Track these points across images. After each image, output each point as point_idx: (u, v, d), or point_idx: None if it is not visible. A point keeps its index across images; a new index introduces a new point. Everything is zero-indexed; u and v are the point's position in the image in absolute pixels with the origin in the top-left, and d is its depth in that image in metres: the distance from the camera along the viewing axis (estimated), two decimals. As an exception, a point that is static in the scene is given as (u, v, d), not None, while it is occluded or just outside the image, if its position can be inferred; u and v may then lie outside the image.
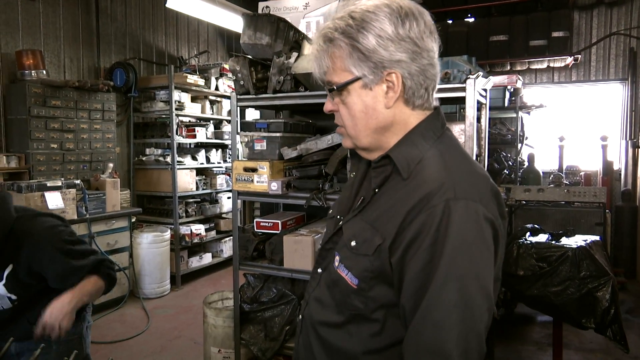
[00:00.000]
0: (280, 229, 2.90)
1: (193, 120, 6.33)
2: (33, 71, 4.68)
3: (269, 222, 2.92)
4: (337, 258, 1.09)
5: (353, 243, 1.04)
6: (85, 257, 1.84)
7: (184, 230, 5.84)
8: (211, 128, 6.47)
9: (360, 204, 1.09)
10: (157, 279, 5.39)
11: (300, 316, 1.20)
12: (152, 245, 5.33)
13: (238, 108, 3.00)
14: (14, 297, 1.81)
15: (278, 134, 2.88)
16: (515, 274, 2.97)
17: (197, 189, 6.07)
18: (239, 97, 2.95)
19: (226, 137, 6.54)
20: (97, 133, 5.17)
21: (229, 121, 6.81)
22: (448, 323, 0.89)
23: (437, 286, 0.90)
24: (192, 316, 4.82)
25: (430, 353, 0.90)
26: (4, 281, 1.79)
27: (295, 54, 2.82)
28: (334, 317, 1.07)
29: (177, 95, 5.71)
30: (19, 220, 1.78)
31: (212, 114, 6.48)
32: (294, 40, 2.89)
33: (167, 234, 5.52)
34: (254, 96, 2.89)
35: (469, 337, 0.90)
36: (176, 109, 5.66)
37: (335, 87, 1.05)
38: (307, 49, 2.79)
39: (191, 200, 6.10)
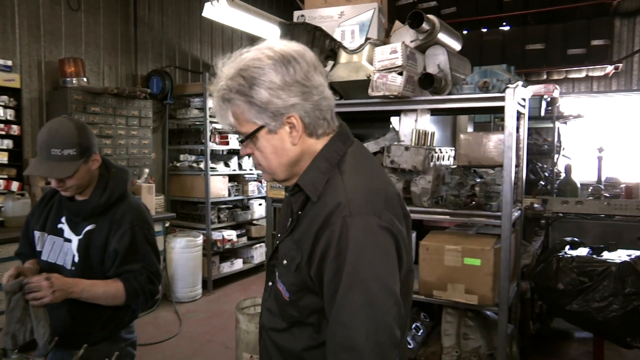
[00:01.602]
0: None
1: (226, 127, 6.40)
2: (74, 79, 4.83)
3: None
4: (277, 274, 1.22)
5: (284, 262, 1.19)
6: (139, 261, 1.85)
7: (216, 235, 5.91)
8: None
9: (290, 225, 1.21)
10: (189, 284, 5.46)
11: (259, 324, 1.35)
12: (185, 250, 5.41)
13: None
14: (77, 258, 1.84)
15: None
16: (555, 288, 2.89)
17: (229, 195, 6.14)
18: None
19: (258, 144, 6.59)
20: (134, 139, 5.30)
21: (261, 128, 6.87)
22: (356, 322, 1.02)
23: (343, 291, 1.04)
24: (223, 321, 4.86)
25: (344, 349, 1.02)
26: (81, 236, 1.85)
27: (331, 63, 2.83)
28: (280, 324, 1.23)
29: (211, 102, 5.79)
30: (128, 192, 1.95)
31: (245, 121, 6.56)
32: (330, 48, 2.90)
33: (200, 239, 5.59)
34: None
35: (379, 331, 1.02)
36: (210, 116, 5.75)
37: (244, 138, 1.16)
38: (343, 57, 2.79)
39: (223, 206, 6.17)
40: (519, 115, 2.71)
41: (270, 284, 1.30)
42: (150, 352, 4.17)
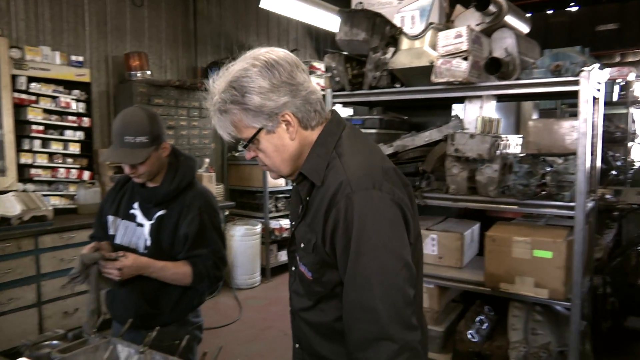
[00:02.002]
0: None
1: (283, 117, 6.46)
2: (139, 72, 5.02)
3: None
4: (297, 258, 1.34)
5: (302, 245, 1.29)
6: (206, 246, 1.93)
7: (273, 224, 6.00)
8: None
9: (301, 211, 1.31)
10: (248, 271, 5.58)
11: (290, 308, 1.45)
12: (244, 238, 5.53)
13: (333, 105, 3.00)
14: (149, 242, 1.93)
15: (373, 131, 2.85)
16: (634, 284, 2.72)
17: (287, 184, 6.20)
18: (334, 93, 2.95)
19: (314, 133, 6.61)
20: (195, 129, 5.45)
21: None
22: (368, 285, 1.12)
23: (354, 259, 1.14)
24: (281, 308, 4.93)
25: (360, 309, 1.14)
26: (153, 221, 1.94)
27: (392, 49, 2.77)
28: (307, 302, 1.33)
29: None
30: (196, 180, 2.02)
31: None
32: (390, 35, 2.84)
33: (258, 228, 5.69)
34: (349, 92, 2.88)
35: (391, 292, 1.12)
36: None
37: (247, 142, 1.26)
38: (405, 43, 2.73)
39: (280, 195, 6.25)
40: (594, 100, 2.55)
41: (293, 268, 1.41)
42: (212, 336, 4.30)
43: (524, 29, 2.85)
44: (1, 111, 4.09)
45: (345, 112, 5.78)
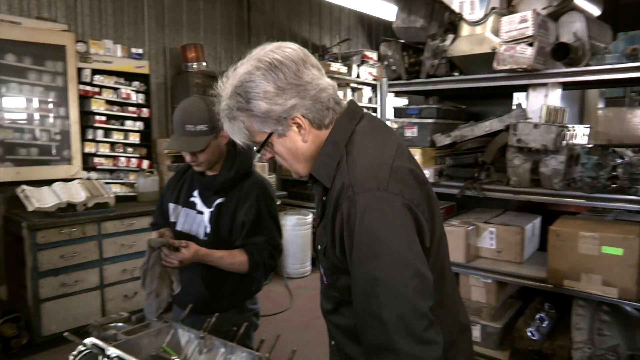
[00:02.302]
0: (429, 218, 2.80)
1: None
2: (195, 63, 5.12)
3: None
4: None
5: (319, 247, 1.25)
6: (263, 234, 1.95)
7: (324, 214, 6.00)
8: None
9: (319, 212, 1.26)
10: (299, 260, 5.63)
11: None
12: (295, 228, 5.57)
13: (388, 94, 2.95)
14: (208, 229, 1.98)
15: (430, 120, 2.78)
16: None
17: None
18: (389, 82, 2.90)
19: (366, 124, 6.55)
20: (248, 120, 5.51)
21: (369, 108, 6.81)
22: (374, 293, 1.05)
23: (357, 266, 1.08)
24: (331, 299, 4.95)
25: (368, 315, 1.08)
26: (212, 209, 1.98)
27: (451, 36, 2.68)
28: (329, 305, 1.31)
29: (320, 83, 5.84)
30: (253, 169, 2.06)
31: (352, 101, 6.53)
32: (449, 21, 2.76)
33: (309, 218, 5.72)
34: (405, 81, 2.82)
35: (399, 304, 1.03)
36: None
37: (259, 147, 1.22)
38: (465, 30, 2.63)
39: (331, 185, 6.23)
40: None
41: (321, 269, 1.36)
42: (264, 323, 4.31)
43: (595, 11, 2.69)
44: (68, 102, 4.29)
45: (399, 101, 5.71)
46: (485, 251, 2.72)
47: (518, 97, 3.05)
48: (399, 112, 2.96)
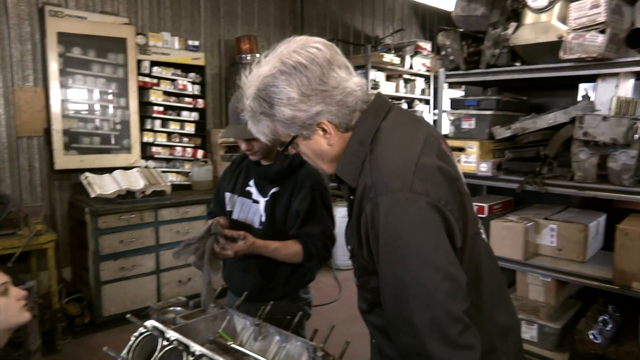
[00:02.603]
0: (486, 212, 2.73)
1: (386, 99, 6.37)
2: (248, 55, 5.18)
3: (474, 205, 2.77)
4: None
5: (348, 247, 1.23)
6: (317, 224, 1.95)
7: (373, 207, 5.96)
8: (404, 107, 6.44)
9: (349, 210, 1.22)
10: (348, 252, 5.61)
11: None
12: (344, 219, 5.50)
13: (445, 85, 2.88)
14: (264, 218, 2.00)
15: (489, 112, 2.68)
16: None
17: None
18: (447, 73, 2.82)
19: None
20: (300, 111, 5.53)
21: (421, 100, 6.69)
22: (403, 297, 1.01)
23: (384, 272, 1.05)
24: (380, 292, 4.92)
25: (399, 320, 1.04)
26: (267, 198, 2.01)
27: (513, 24, 2.57)
28: (364, 306, 1.29)
29: (372, 74, 5.79)
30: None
31: (405, 93, 6.44)
32: (512, 9, 2.64)
33: (358, 210, 5.69)
34: (463, 72, 2.73)
35: (431, 307, 0.99)
36: (372, 88, 5.74)
37: (284, 147, 1.19)
38: (529, 17, 2.51)
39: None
40: None
41: None
42: (313, 313, 4.39)
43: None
44: (128, 93, 4.45)
45: (453, 93, 5.57)
46: (545, 249, 2.61)
47: (585, 88, 2.90)
48: (455, 103, 2.87)
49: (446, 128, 3.08)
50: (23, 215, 3.58)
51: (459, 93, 4.04)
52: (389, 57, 5.85)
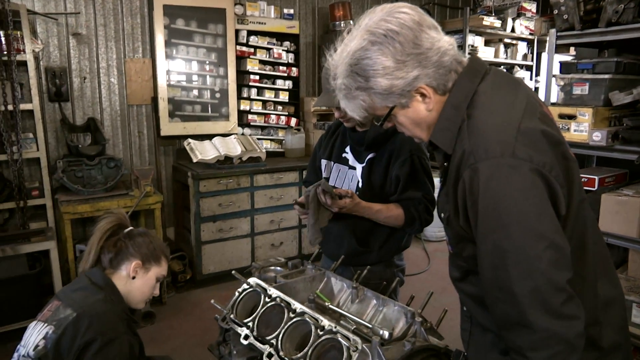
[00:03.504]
0: (596, 185, 2.52)
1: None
2: (342, 22, 5.12)
3: (583, 178, 2.57)
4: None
5: (442, 215, 1.19)
6: (418, 189, 1.93)
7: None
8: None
9: (442, 178, 1.19)
10: (437, 223, 5.45)
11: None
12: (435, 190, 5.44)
13: (555, 47, 2.65)
14: (361, 184, 2.02)
15: (606, 76, 2.44)
16: None
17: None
18: (559, 34, 2.59)
19: (519, 83, 6.05)
20: (392, 79, 5.42)
21: (522, 66, 6.27)
22: (502, 266, 0.99)
23: (483, 239, 1.03)
24: (471, 265, 4.80)
25: (497, 289, 1.02)
26: (364, 164, 2.01)
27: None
28: (457, 274, 1.26)
29: (470, 39, 5.50)
30: None
31: (505, 59, 6.06)
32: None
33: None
34: (578, 32, 2.50)
35: (532, 276, 0.96)
36: (468, 54, 5.45)
37: (382, 121, 1.16)
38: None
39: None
40: None
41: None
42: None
43: None
44: (227, 63, 4.61)
45: (559, 57, 5.14)
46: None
47: None
48: (566, 67, 2.65)
49: (553, 94, 2.87)
50: (134, 178, 3.89)
51: (564, 58, 3.73)
52: (489, 20, 5.50)
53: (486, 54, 5.77)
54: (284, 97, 4.96)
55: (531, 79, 6.31)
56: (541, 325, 0.96)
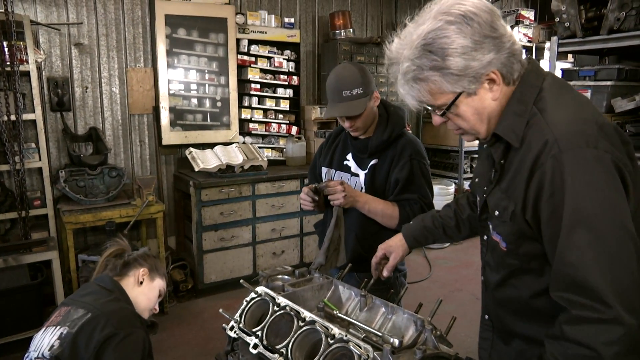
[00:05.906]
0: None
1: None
2: (342, 30, 5.16)
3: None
4: (490, 226, 1.23)
5: (496, 213, 1.18)
6: (415, 192, 1.95)
7: (467, 185, 5.77)
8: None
9: (494, 176, 1.20)
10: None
11: (482, 278, 1.37)
12: (436, 198, 5.42)
13: (557, 54, 2.67)
14: (364, 190, 2.03)
15: (608, 83, 2.46)
16: None
17: (484, 145, 5.88)
18: (560, 41, 2.62)
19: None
20: (394, 86, 5.45)
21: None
22: (584, 261, 0.96)
23: (566, 231, 0.99)
24: (472, 272, 4.79)
25: (575, 290, 0.98)
26: (366, 171, 2.04)
27: (641, -16, 2.32)
28: (496, 277, 1.24)
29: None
30: (406, 130, 2.07)
31: (504, 66, 6.09)
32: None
33: (451, 188, 5.55)
34: (580, 39, 2.52)
35: (614, 268, 0.95)
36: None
37: (444, 110, 1.13)
38: (662, -25, 2.25)
39: (476, 155, 5.94)
40: None
41: (485, 237, 1.31)
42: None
43: None
44: (228, 72, 4.62)
45: (559, 65, 5.17)
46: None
47: None
48: (568, 74, 2.67)
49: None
50: (137, 187, 3.89)
51: (562, 65, 3.75)
52: (487, 29, 5.54)
53: (485, 61, 5.80)
54: (284, 105, 4.98)
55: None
56: (627, 322, 0.94)
